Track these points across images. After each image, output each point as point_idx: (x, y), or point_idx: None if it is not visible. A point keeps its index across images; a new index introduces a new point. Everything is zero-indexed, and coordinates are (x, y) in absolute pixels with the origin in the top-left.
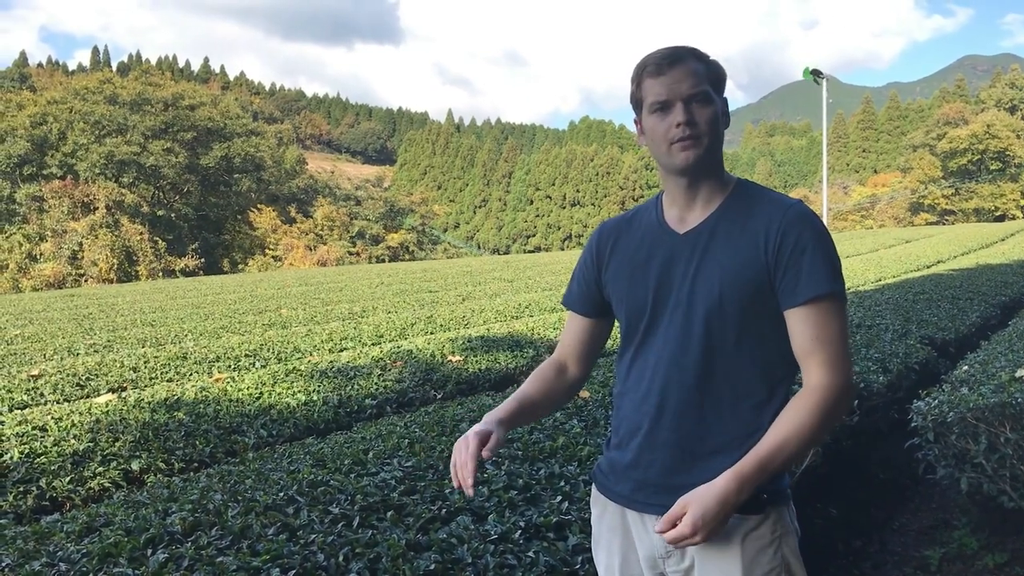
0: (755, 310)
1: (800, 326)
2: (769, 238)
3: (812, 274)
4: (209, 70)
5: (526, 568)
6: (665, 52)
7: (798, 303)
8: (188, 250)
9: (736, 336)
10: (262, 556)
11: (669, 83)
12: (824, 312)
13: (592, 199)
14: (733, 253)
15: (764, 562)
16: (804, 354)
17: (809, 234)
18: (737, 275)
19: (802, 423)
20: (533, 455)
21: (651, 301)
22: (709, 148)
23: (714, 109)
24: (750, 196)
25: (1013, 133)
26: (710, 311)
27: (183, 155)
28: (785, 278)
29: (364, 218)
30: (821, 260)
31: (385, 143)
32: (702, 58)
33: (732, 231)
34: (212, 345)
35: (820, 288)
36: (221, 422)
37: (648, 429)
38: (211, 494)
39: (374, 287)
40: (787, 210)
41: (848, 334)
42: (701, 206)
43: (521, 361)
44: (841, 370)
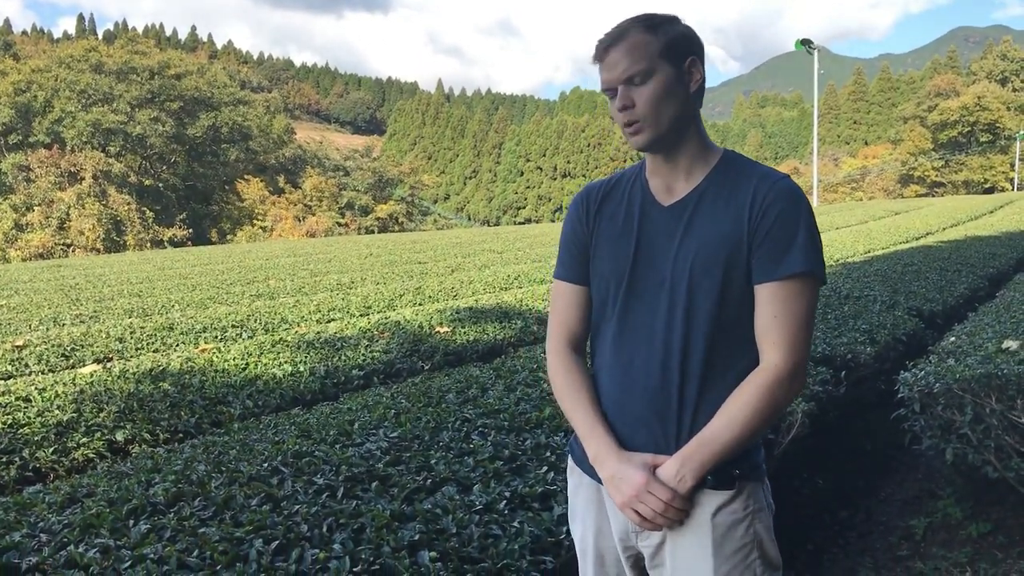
0: (738, 283)
1: (765, 303)
2: (753, 211)
3: (786, 251)
4: (196, 39)
5: (511, 538)
6: (606, 34)
7: (769, 279)
8: (176, 220)
9: (720, 311)
10: (245, 527)
11: (608, 69)
12: (792, 292)
13: (583, 170)
14: (717, 227)
15: (736, 537)
16: (762, 331)
17: (792, 210)
18: (719, 248)
19: (747, 404)
20: (519, 426)
21: (629, 272)
22: (657, 126)
23: (658, 84)
24: (736, 169)
25: (1003, 105)
26: (694, 285)
27: (170, 124)
28: (760, 252)
29: (353, 189)
30: (800, 238)
31: (375, 113)
32: (652, 26)
33: (717, 204)
34: (199, 316)
35: (795, 266)
36: (207, 393)
37: (628, 404)
38: (195, 465)
39: (363, 258)
40: (773, 184)
41: (812, 317)
42: (684, 178)
43: (509, 332)
44: (793, 352)
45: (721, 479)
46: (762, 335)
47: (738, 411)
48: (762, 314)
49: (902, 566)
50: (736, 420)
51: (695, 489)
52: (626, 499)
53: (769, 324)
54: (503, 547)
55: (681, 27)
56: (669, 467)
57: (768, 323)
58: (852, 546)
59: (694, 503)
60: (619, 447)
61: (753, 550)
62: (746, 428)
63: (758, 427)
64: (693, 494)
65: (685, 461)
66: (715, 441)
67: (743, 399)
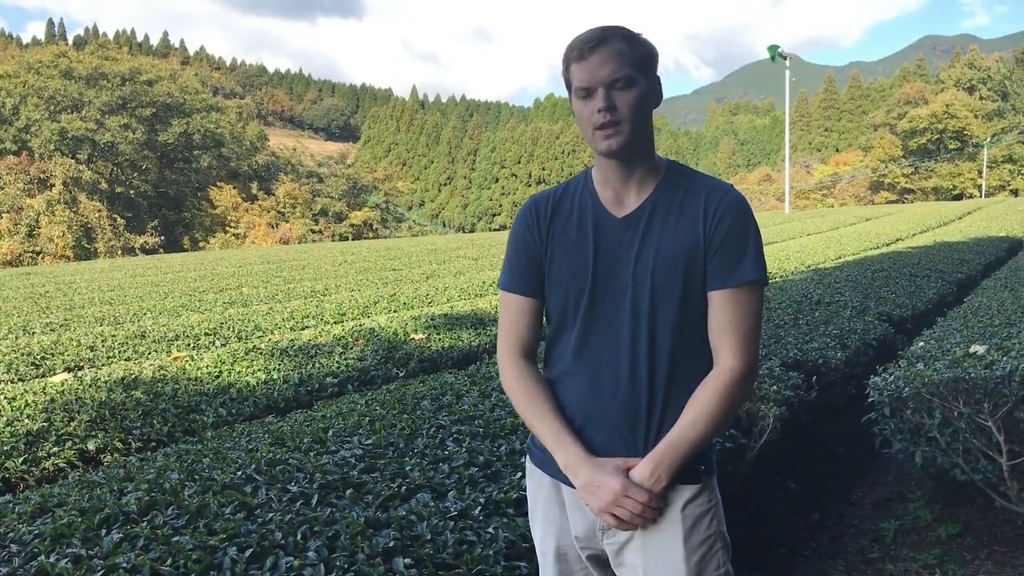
0: (696, 290)
1: (719, 308)
2: (707, 222)
3: (742, 260)
4: (168, 44)
5: (485, 544)
6: (589, 35)
7: (724, 286)
8: (147, 227)
9: (681, 316)
10: (219, 535)
11: (591, 68)
12: (744, 298)
13: (558, 177)
14: (672, 236)
15: (702, 529)
16: (716, 335)
17: (742, 221)
18: (677, 257)
19: (708, 405)
20: (494, 432)
21: (590, 284)
22: (632, 132)
23: (637, 92)
24: (685, 179)
25: (971, 113)
26: (656, 293)
27: (141, 131)
28: (715, 260)
29: (327, 195)
30: (750, 248)
31: (349, 120)
32: (629, 38)
33: (670, 216)
34: (171, 323)
35: (747, 275)
36: (179, 401)
37: (597, 410)
38: (168, 473)
39: (337, 265)
40: (723, 196)
41: (761, 319)
42: (636, 188)
43: (484, 339)
44: (747, 354)
45: (690, 475)
46: (717, 338)
47: (701, 412)
48: (716, 319)
49: (873, 568)
50: (699, 421)
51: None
52: (604, 504)
53: (724, 328)
54: (478, 553)
55: (649, 44)
56: (643, 469)
57: (723, 327)
58: (824, 549)
59: (666, 499)
60: (588, 454)
61: (717, 539)
62: (709, 427)
63: (719, 425)
64: (666, 491)
65: (659, 462)
66: (683, 440)
67: (705, 400)
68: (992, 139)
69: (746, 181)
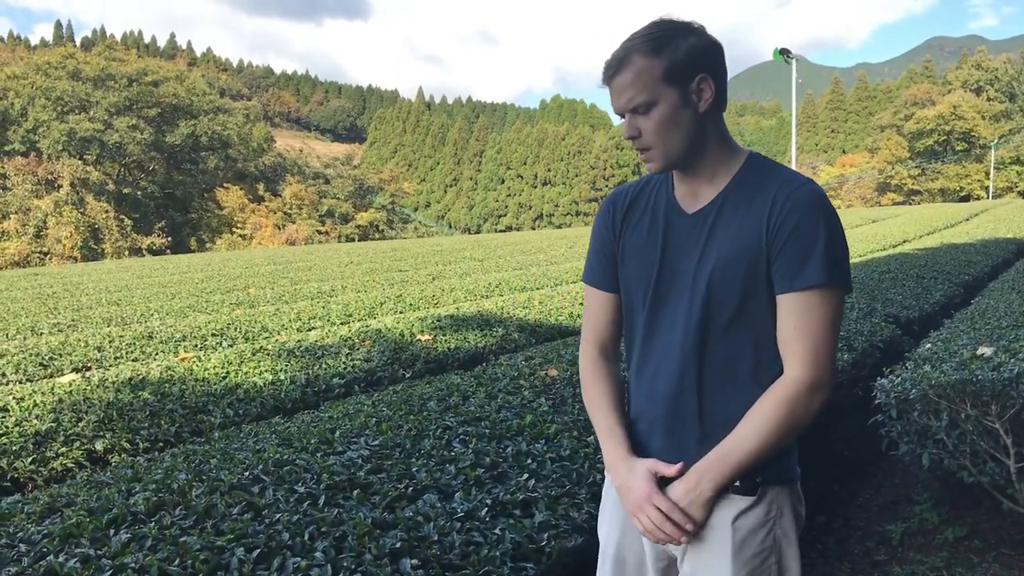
0: (759, 293)
1: (785, 314)
2: (771, 220)
3: (805, 262)
4: (175, 46)
5: (492, 545)
6: (612, 56)
7: (787, 290)
8: (154, 228)
9: (737, 320)
10: (226, 535)
11: (613, 95)
12: (812, 303)
13: (563, 178)
14: (735, 236)
15: (755, 542)
16: (783, 343)
17: (809, 219)
18: (738, 257)
19: (766, 416)
20: (500, 433)
21: (655, 281)
22: (667, 153)
23: (661, 113)
24: (760, 174)
25: (978, 114)
26: (714, 295)
27: (148, 132)
28: (779, 262)
29: (333, 197)
30: (819, 248)
31: (355, 121)
32: (657, 48)
33: (737, 213)
34: (178, 324)
35: (810, 278)
36: (187, 401)
37: (652, 411)
38: (175, 474)
39: (343, 266)
40: (793, 192)
41: (835, 328)
42: (707, 184)
43: (491, 340)
44: (815, 365)
45: (744, 485)
46: (784, 346)
47: (758, 424)
48: (783, 325)
49: (880, 571)
50: (755, 433)
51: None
52: (630, 508)
53: (790, 335)
54: (484, 554)
55: (690, 41)
56: (688, 479)
57: (789, 334)
58: (831, 551)
59: (715, 507)
60: (629, 454)
61: (771, 555)
62: (765, 441)
63: (778, 440)
64: (714, 501)
65: (704, 473)
66: (734, 453)
67: (763, 412)
68: (1000, 140)
69: None
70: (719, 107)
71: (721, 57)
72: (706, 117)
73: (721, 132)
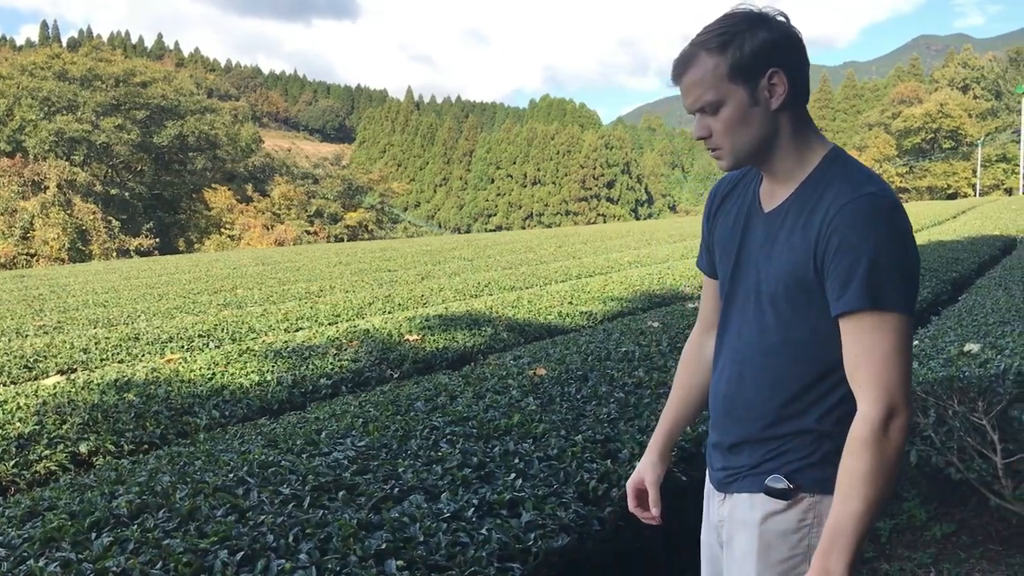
0: (812, 308)
1: (845, 338)
2: (819, 236)
3: (847, 284)
4: (163, 46)
5: (478, 545)
6: (678, 58)
7: (837, 313)
8: (142, 230)
9: (791, 328)
10: (210, 538)
11: (682, 95)
12: (868, 328)
13: (553, 178)
14: (793, 246)
15: (784, 548)
16: (848, 372)
17: (856, 235)
18: (789, 271)
19: (854, 469)
20: (488, 433)
21: (729, 279)
22: (737, 150)
23: (730, 111)
24: (829, 176)
25: (965, 112)
26: (768, 300)
27: (136, 133)
28: (828, 283)
29: (322, 197)
30: (862, 269)
31: (344, 121)
32: (724, 43)
33: (799, 218)
34: (165, 325)
35: (858, 302)
36: (173, 403)
37: (714, 409)
38: (159, 476)
39: (332, 266)
40: (848, 202)
41: (901, 355)
42: (783, 183)
43: (479, 340)
44: (884, 394)
45: (777, 491)
46: (851, 377)
47: (851, 482)
48: (847, 352)
49: (868, 567)
50: (853, 492)
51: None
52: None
53: (850, 364)
54: (471, 554)
55: (760, 36)
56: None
57: (850, 363)
58: None
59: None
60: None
61: (802, 563)
62: (867, 495)
63: (880, 487)
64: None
65: (827, 556)
66: (844, 521)
67: (851, 466)
68: (986, 138)
69: None
70: (797, 101)
71: (798, 48)
72: (780, 113)
73: (798, 128)
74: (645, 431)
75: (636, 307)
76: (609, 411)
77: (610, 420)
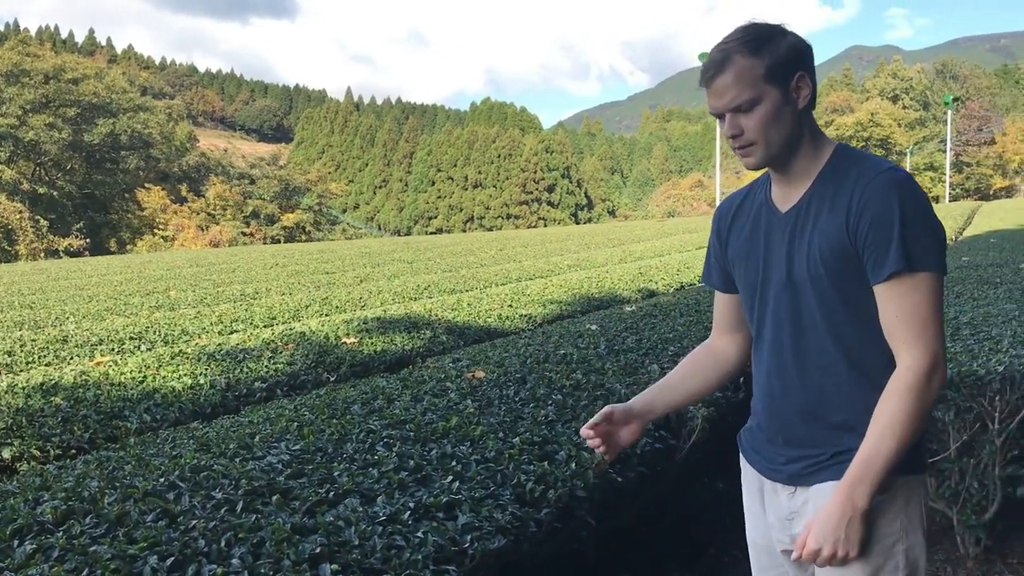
0: (851, 285)
1: (884, 304)
2: (851, 212)
3: (886, 251)
4: (95, 42)
5: (414, 548)
6: (711, 59)
7: (879, 280)
8: (72, 230)
9: (837, 313)
10: (139, 543)
11: (714, 96)
12: (906, 288)
13: (494, 180)
14: (823, 231)
15: (879, 529)
16: (889, 333)
17: (886, 205)
18: (827, 253)
19: (894, 411)
20: (425, 436)
21: (760, 281)
22: (767, 148)
23: (764, 109)
24: (844, 167)
25: (895, 121)
26: (808, 291)
27: (67, 131)
28: (867, 254)
29: (258, 197)
30: (895, 234)
31: (282, 121)
32: (757, 48)
33: (822, 210)
34: (95, 328)
35: (896, 264)
36: (102, 407)
37: (764, 406)
38: (87, 481)
39: (268, 268)
40: (872, 180)
41: (937, 308)
42: (799, 182)
43: (418, 343)
44: (925, 347)
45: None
46: (891, 337)
47: (891, 422)
48: (885, 316)
49: None
50: (891, 432)
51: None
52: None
53: (894, 325)
54: (406, 557)
55: (787, 42)
56: (838, 499)
57: (892, 324)
58: None
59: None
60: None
61: (898, 543)
62: (903, 436)
63: (913, 432)
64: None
65: (854, 487)
66: (877, 457)
67: (891, 408)
68: (915, 147)
69: (679, 187)
70: (812, 105)
71: (812, 57)
72: (803, 114)
73: (813, 129)
74: None
75: (575, 310)
76: (547, 413)
77: (548, 422)
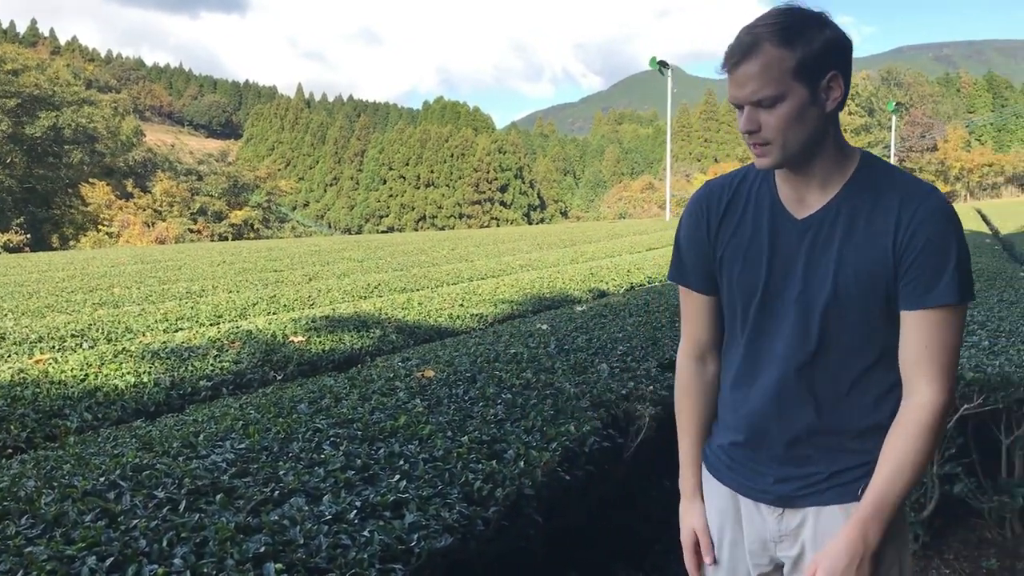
0: (877, 306)
1: (913, 331)
2: (899, 234)
3: (937, 279)
4: (37, 33)
5: (360, 547)
6: (738, 42)
7: (920, 307)
8: (12, 224)
9: (855, 331)
10: (77, 544)
11: (736, 84)
12: (942, 320)
13: (447, 180)
14: (858, 246)
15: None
16: (912, 363)
17: (943, 233)
18: (861, 270)
19: (910, 450)
20: (373, 435)
21: (762, 288)
22: (784, 149)
23: (788, 108)
24: (877, 177)
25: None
26: (829, 306)
27: (6, 123)
28: (909, 278)
29: (206, 194)
30: (951, 265)
31: (231, 117)
32: (790, 39)
33: (856, 221)
34: (35, 325)
35: (947, 296)
36: (40, 406)
37: (763, 422)
38: (23, 481)
39: (215, 266)
40: (922, 203)
41: (961, 343)
42: (818, 188)
43: (367, 341)
44: (949, 384)
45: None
46: (913, 366)
47: (907, 461)
48: (912, 344)
49: None
50: (908, 470)
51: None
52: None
53: (920, 355)
54: (352, 556)
55: (824, 36)
56: (850, 535)
57: (919, 353)
58: None
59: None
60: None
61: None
62: (917, 475)
63: (925, 469)
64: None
65: (867, 524)
66: (892, 495)
67: (909, 447)
68: None
69: (630, 189)
70: (841, 107)
71: (850, 54)
72: (829, 117)
73: (838, 133)
74: (531, 431)
75: (526, 310)
76: (496, 412)
77: (497, 421)
